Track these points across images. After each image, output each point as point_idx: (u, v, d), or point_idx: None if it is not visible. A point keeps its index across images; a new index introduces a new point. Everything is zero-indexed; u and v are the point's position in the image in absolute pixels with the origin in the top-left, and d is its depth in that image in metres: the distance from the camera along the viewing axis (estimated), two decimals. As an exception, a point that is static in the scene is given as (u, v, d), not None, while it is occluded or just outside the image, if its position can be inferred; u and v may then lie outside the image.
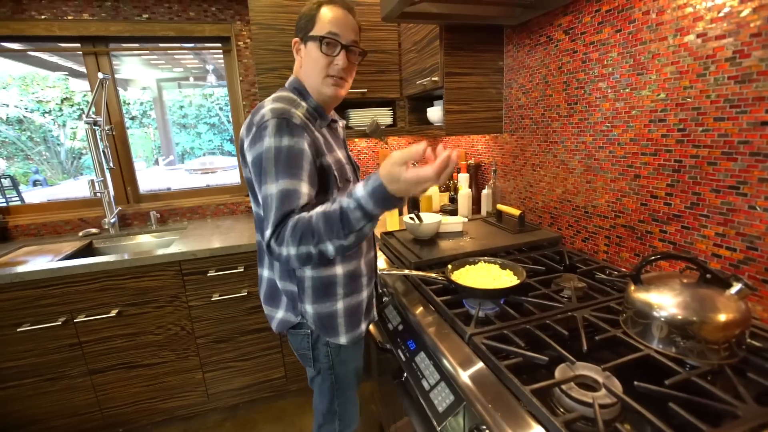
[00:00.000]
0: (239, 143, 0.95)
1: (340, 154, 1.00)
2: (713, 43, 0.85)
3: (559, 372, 0.67)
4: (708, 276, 0.70)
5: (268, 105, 0.89)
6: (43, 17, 1.86)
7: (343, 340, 1.01)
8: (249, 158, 0.89)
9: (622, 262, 1.16)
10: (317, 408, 1.14)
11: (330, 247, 0.79)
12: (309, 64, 0.95)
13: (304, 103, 0.95)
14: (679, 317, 0.67)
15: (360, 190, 0.76)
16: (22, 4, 1.83)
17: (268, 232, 0.82)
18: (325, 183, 0.93)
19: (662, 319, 0.69)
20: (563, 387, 0.63)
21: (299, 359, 1.12)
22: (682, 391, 0.60)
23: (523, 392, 0.62)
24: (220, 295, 1.73)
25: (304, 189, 0.84)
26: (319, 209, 0.80)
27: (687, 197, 0.95)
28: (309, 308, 0.98)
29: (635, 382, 0.62)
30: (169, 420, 1.82)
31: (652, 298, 0.72)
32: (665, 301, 0.70)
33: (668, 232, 1.01)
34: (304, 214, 0.80)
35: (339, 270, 0.98)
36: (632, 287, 0.77)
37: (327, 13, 0.92)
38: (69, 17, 1.89)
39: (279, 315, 1.03)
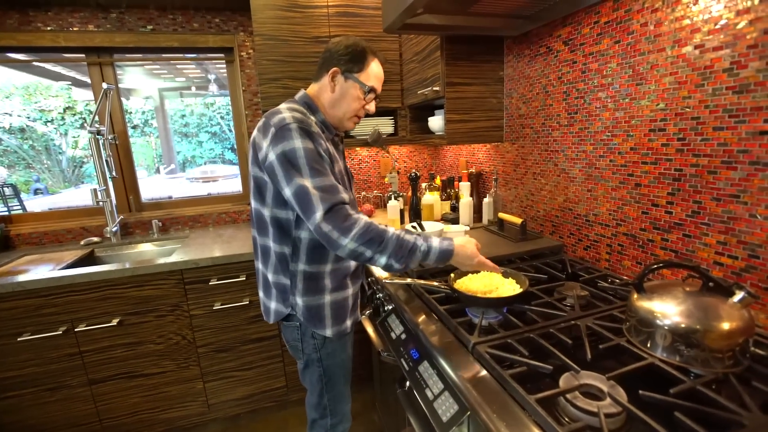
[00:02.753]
0: (251, 143, 1.02)
1: (341, 165, 1.10)
2: (711, 54, 0.86)
3: (564, 381, 0.67)
4: (710, 284, 0.70)
5: (285, 112, 0.97)
6: (49, 29, 1.89)
7: (328, 332, 1.09)
8: (272, 155, 0.94)
9: (624, 270, 1.16)
10: (309, 403, 1.22)
11: (383, 260, 0.93)
12: (342, 98, 1.07)
13: (312, 117, 1.05)
14: (683, 325, 0.67)
15: (436, 243, 0.97)
16: (29, 16, 1.86)
17: (318, 215, 0.90)
18: None
19: (666, 328, 0.69)
20: (568, 396, 0.63)
21: (290, 351, 1.20)
22: (687, 399, 0.60)
23: (528, 402, 0.62)
24: (221, 304, 1.72)
25: (335, 182, 0.95)
26: (397, 232, 0.95)
27: (688, 206, 0.95)
28: (299, 300, 1.07)
29: (640, 391, 0.62)
30: (169, 431, 1.81)
31: (655, 306, 0.72)
32: (668, 310, 0.70)
33: (670, 241, 1.01)
34: (378, 225, 0.93)
35: (328, 267, 1.07)
36: (635, 296, 0.77)
37: (375, 67, 1.08)
38: (75, 28, 1.92)
39: (272, 306, 1.12)
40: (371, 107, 1.12)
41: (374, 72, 1.08)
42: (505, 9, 1.21)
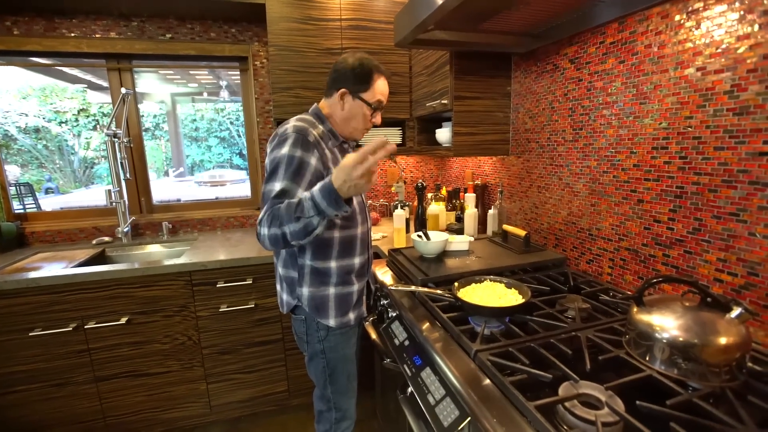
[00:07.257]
0: (266, 152, 1.14)
1: None
2: (712, 76, 0.89)
3: (563, 390, 0.69)
4: (709, 300, 0.72)
5: (292, 123, 1.08)
6: (73, 35, 1.96)
7: (331, 322, 1.17)
8: (267, 159, 1.07)
9: (626, 285, 1.17)
10: (315, 396, 1.30)
11: (287, 230, 0.94)
12: (351, 115, 1.16)
13: (321, 126, 1.15)
14: (681, 339, 0.69)
15: (316, 186, 0.92)
16: (54, 23, 1.93)
17: (258, 217, 1.00)
18: None
19: (664, 341, 0.71)
20: (567, 404, 0.64)
21: (297, 343, 1.29)
22: (683, 411, 0.61)
23: (527, 408, 0.64)
24: (227, 307, 1.75)
25: (299, 193, 1.00)
26: (288, 200, 0.97)
27: (689, 222, 0.97)
28: (305, 291, 1.15)
29: (637, 402, 0.64)
30: (170, 431, 1.82)
31: (654, 320, 0.74)
32: (667, 324, 0.72)
33: (671, 256, 1.03)
34: (282, 203, 0.97)
35: (333, 264, 1.15)
36: (635, 309, 0.79)
37: (380, 84, 1.15)
38: (97, 35, 1.99)
39: (284, 297, 1.21)
40: (377, 119, 1.21)
41: (380, 89, 1.16)
42: (514, 27, 1.25)
